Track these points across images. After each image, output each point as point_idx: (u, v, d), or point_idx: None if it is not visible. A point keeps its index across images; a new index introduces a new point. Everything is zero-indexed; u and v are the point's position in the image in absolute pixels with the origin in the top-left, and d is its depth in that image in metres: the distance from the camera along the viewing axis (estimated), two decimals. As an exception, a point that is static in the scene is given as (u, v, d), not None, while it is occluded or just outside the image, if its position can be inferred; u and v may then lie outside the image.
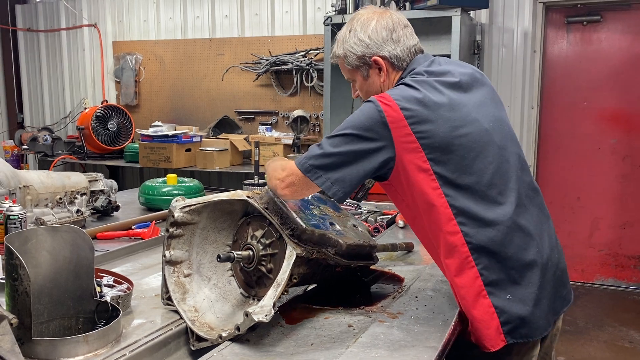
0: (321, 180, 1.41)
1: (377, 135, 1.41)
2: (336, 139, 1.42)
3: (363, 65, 1.57)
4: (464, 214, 1.43)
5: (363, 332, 1.44)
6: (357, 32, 1.56)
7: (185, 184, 2.99)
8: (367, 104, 1.45)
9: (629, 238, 4.58)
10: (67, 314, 1.46)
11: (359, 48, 1.55)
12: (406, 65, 1.57)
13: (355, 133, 1.41)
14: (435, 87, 1.47)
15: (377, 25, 1.55)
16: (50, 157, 5.60)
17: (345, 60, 1.60)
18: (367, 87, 1.61)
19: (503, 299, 1.43)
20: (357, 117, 1.44)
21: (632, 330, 3.88)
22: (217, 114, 5.55)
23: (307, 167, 1.42)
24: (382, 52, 1.55)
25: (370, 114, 1.42)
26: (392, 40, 1.55)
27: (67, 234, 1.44)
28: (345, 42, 1.58)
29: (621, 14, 4.41)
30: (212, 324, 1.52)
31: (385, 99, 1.43)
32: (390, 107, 1.41)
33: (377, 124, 1.41)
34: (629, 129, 4.48)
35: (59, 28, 6.37)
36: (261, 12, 5.41)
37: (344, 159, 1.41)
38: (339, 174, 1.41)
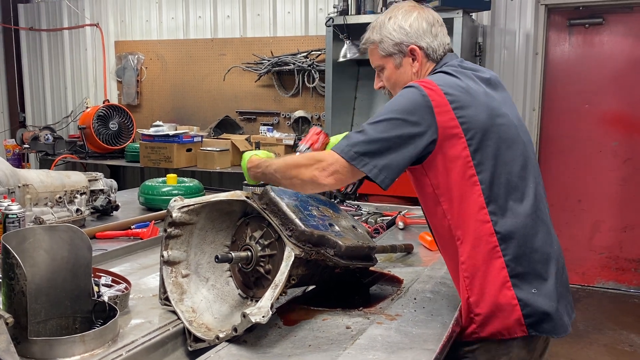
0: (368, 168, 1.40)
1: (422, 120, 1.40)
2: (381, 125, 1.41)
3: (398, 52, 1.58)
4: (496, 202, 1.44)
5: (361, 334, 1.44)
6: (399, 19, 1.57)
7: (185, 184, 2.98)
8: (409, 89, 1.45)
9: (630, 241, 4.57)
10: (64, 314, 1.45)
11: (397, 35, 1.56)
12: (439, 59, 1.59)
13: (400, 117, 1.41)
14: (472, 78, 1.52)
15: (418, 17, 1.57)
16: (52, 157, 5.61)
17: (379, 46, 1.60)
18: (397, 76, 1.61)
19: (527, 292, 1.44)
20: (400, 102, 1.43)
21: (633, 334, 3.87)
22: (219, 114, 5.55)
23: (352, 154, 1.40)
24: (420, 43, 1.57)
25: (415, 98, 1.42)
26: (431, 34, 1.57)
27: (65, 234, 1.44)
28: (383, 28, 1.58)
29: (623, 17, 4.40)
30: (209, 324, 1.52)
31: (428, 83, 1.44)
32: (434, 91, 1.42)
33: (421, 107, 1.41)
34: (630, 132, 4.47)
35: (61, 27, 6.38)
36: (263, 12, 5.41)
37: (390, 144, 1.40)
38: (385, 160, 1.40)
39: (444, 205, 1.49)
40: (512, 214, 1.45)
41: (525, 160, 1.51)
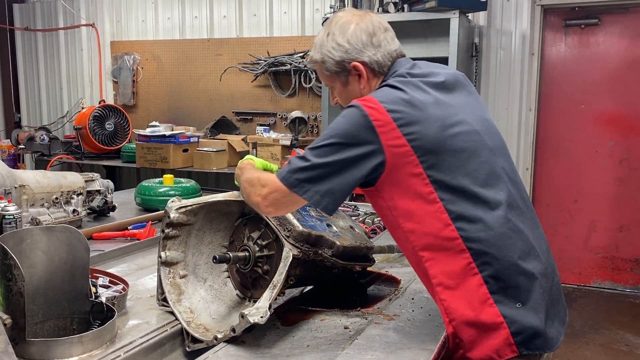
0: (309, 194, 1.33)
1: (365, 141, 1.32)
2: (321, 150, 1.33)
3: (342, 71, 1.48)
4: (462, 217, 1.34)
5: (359, 334, 1.44)
6: (336, 35, 1.46)
7: (182, 185, 2.98)
8: (350, 109, 1.36)
9: (626, 241, 4.59)
10: (61, 315, 1.45)
11: (337, 53, 1.46)
12: (387, 69, 1.48)
13: (341, 141, 1.33)
14: (420, 87, 1.40)
15: (356, 29, 1.45)
16: (47, 157, 5.59)
17: (323, 66, 1.50)
18: (346, 94, 1.52)
19: (512, 307, 1.33)
20: (341, 124, 1.35)
21: (629, 334, 3.88)
22: (215, 114, 5.54)
23: (293, 181, 1.34)
24: (362, 58, 1.46)
25: (355, 119, 1.34)
26: (373, 45, 1.46)
27: (63, 234, 1.43)
28: (322, 47, 1.48)
29: (619, 17, 4.42)
30: (207, 325, 1.52)
31: (369, 102, 1.35)
32: (375, 109, 1.33)
33: (363, 129, 1.32)
34: (626, 132, 4.49)
35: (56, 27, 6.36)
36: (259, 12, 5.41)
37: (332, 169, 1.33)
38: (327, 185, 1.33)
39: (405, 227, 1.40)
40: (483, 226, 1.34)
41: (491, 167, 1.40)
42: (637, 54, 4.40)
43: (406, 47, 4.55)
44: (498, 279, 1.33)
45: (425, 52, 4.26)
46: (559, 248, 4.69)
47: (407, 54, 1.57)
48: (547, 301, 1.38)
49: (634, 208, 4.47)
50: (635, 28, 4.38)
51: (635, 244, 4.56)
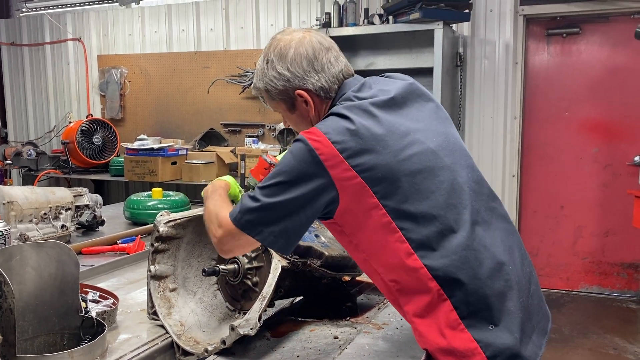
0: (263, 236, 1.27)
1: (313, 177, 1.25)
2: (270, 189, 1.26)
3: (287, 98, 1.41)
4: (423, 245, 1.26)
5: (348, 344, 1.46)
6: (275, 64, 1.39)
7: (171, 198, 2.99)
8: (296, 144, 1.29)
9: (612, 246, 4.65)
10: (52, 330, 1.45)
11: (279, 82, 1.39)
12: (334, 93, 1.40)
13: (289, 179, 1.26)
14: (367, 111, 1.31)
15: (295, 55, 1.37)
16: (35, 172, 5.56)
17: (267, 94, 1.44)
18: (295, 119, 1.46)
19: (485, 330, 1.26)
20: (289, 161, 1.28)
21: (617, 337, 3.93)
22: (203, 126, 5.55)
23: (245, 223, 1.27)
24: (305, 85, 1.38)
25: (301, 155, 1.26)
26: (315, 71, 1.37)
27: (52, 250, 1.44)
28: (264, 75, 1.41)
29: (599, 26, 4.51)
30: (198, 338, 1.53)
31: (314, 134, 1.27)
32: (320, 142, 1.25)
33: (310, 164, 1.25)
34: (609, 139, 4.57)
35: (43, 42, 6.35)
36: (246, 25, 5.45)
37: (283, 209, 1.26)
38: (280, 226, 1.26)
39: (371, 260, 1.33)
40: (446, 251, 1.25)
41: (451, 185, 1.31)
42: (617, 62, 4.48)
43: (392, 58, 4.66)
44: (468, 303, 1.26)
45: (411, 62, 4.32)
46: (546, 254, 4.74)
47: (393, 64, 1.52)
48: (522, 317, 1.31)
49: (619, 213, 4.53)
50: (615, 37, 4.47)
51: (621, 248, 4.63)
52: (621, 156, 4.54)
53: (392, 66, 4.28)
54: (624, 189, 4.30)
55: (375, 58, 4.50)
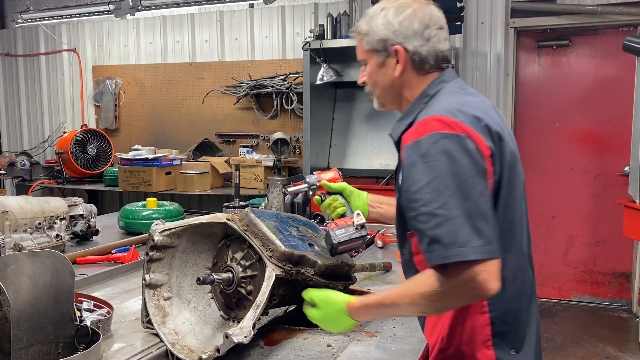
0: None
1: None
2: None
3: (382, 50, 1.36)
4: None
5: (342, 351, 1.47)
6: (389, 12, 1.34)
7: (165, 208, 3.00)
8: (444, 141, 1.16)
9: (603, 255, 4.69)
10: (46, 339, 1.46)
11: (384, 30, 1.34)
12: (429, 69, 1.35)
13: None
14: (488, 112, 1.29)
15: (412, 14, 1.33)
16: (29, 182, 5.55)
17: (365, 38, 1.38)
18: (377, 76, 1.39)
19: (507, 352, 1.26)
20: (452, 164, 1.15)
21: (608, 346, 3.95)
22: (198, 137, 5.57)
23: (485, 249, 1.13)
24: (406, 44, 1.33)
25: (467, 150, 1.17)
26: (422, 37, 1.33)
27: (48, 259, 1.45)
28: (372, 19, 1.37)
29: (588, 39, 4.58)
30: (192, 346, 1.53)
31: (461, 128, 1.18)
32: (474, 138, 1.19)
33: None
34: (599, 149, 4.62)
35: (38, 53, 6.37)
36: (241, 37, 5.49)
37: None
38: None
39: None
40: (505, 265, 1.19)
41: (523, 195, 1.32)
42: (606, 73, 4.55)
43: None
44: (504, 322, 1.26)
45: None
46: (539, 263, 4.77)
47: None
48: (536, 344, 1.34)
49: (610, 223, 4.58)
50: (604, 49, 4.54)
51: (612, 258, 4.67)
52: (611, 166, 4.59)
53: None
54: (614, 198, 4.35)
55: (369, 69, 4.54)
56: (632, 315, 4.50)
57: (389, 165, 4.68)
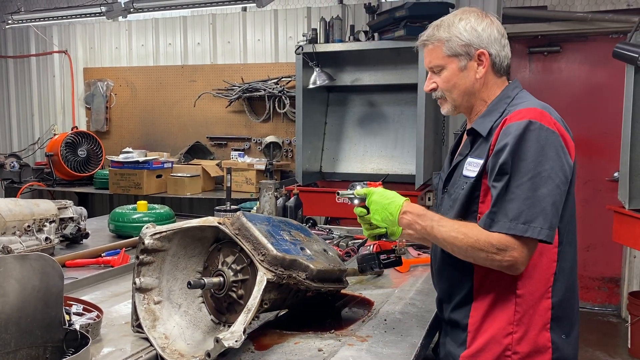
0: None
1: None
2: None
3: (464, 54, 1.49)
4: (562, 241, 1.42)
5: (332, 356, 1.47)
6: (471, 21, 1.49)
7: (156, 211, 2.98)
8: (545, 132, 1.36)
9: (593, 261, 4.72)
10: (34, 343, 1.44)
11: (468, 35, 1.48)
12: (502, 73, 1.53)
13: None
14: None
15: (491, 24, 1.50)
16: (18, 184, 5.50)
17: (445, 44, 1.49)
18: (458, 79, 1.51)
19: (559, 336, 1.42)
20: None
21: (598, 351, 3.97)
22: (189, 140, 5.55)
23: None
24: (490, 49, 1.49)
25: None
26: (500, 44, 1.50)
27: (37, 262, 1.43)
28: (452, 27, 1.49)
29: (579, 45, 4.62)
30: (182, 350, 1.52)
31: (559, 129, 1.40)
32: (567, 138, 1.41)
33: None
34: (589, 155, 4.66)
35: (28, 54, 6.33)
36: (233, 40, 5.49)
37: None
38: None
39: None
40: (567, 257, 1.44)
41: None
42: (596, 80, 4.59)
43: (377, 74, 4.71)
44: (561, 308, 1.42)
45: (396, 78, 4.38)
46: (529, 268, 4.78)
47: (378, 80, 1.58)
48: (578, 333, 1.49)
49: (599, 228, 4.60)
50: (594, 55, 4.58)
51: (601, 263, 4.70)
52: (601, 172, 4.63)
53: (377, 82, 4.33)
54: (604, 204, 4.37)
55: (361, 74, 4.55)
56: (621, 320, 4.53)
57: (381, 169, 4.68)
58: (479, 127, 1.49)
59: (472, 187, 1.44)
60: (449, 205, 1.53)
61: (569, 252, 1.44)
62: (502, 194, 1.33)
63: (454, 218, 1.46)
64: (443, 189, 1.59)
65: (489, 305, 1.44)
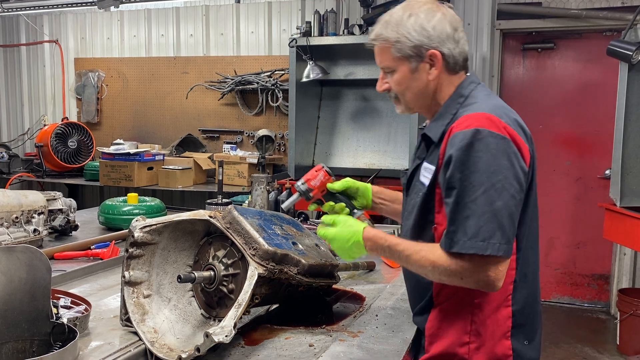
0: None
1: None
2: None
3: (415, 56, 1.37)
4: (520, 248, 1.34)
5: (324, 352, 1.46)
6: (421, 19, 1.36)
7: (147, 203, 2.95)
8: (494, 139, 1.25)
9: (583, 257, 4.74)
10: (21, 337, 1.42)
11: (418, 36, 1.35)
12: (459, 70, 1.42)
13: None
14: None
15: (442, 19, 1.37)
16: (7, 175, 5.45)
17: (394, 46, 1.37)
18: (409, 82, 1.40)
19: (521, 343, 1.35)
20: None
21: (587, 347, 4.00)
22: (181, 132, 5.52)
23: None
24: (442, 48, 1.36)
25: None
26: (454, 40, 1.38)
27: (23, 254, 1.41)
28: (401, 26, 1.36)
29: (573, 42, 4.62)
30: (172, 345, 1.51)
31: (510, 133, 1.27)
32: (519, 141, 1.30)
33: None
34: (581, 152, 4.67)
35: (18, 44, 6.25)
36: (227, 32, 5.45)
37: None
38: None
39: None
40: (529, 261, 1.37)
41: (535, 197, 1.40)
42: (589, 77, 4.60)
43: (370, 68, 4.69)
44: (523, 315, 1.35)
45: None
46: (520, 264, 4.80)
47: (372, 74, 1.54)
48: (541, 336, 1.44)
49: (590, 225, 4.63)
50: (588, 53, 4.59)
51: (591, 260, 4.72)
52: (592, 169, 4.64)
53: (372, 76, 4.31)
54: (595, 201, 4.40)
55: (355, 68, 4.54)
56: (610, 316, 4.56)
57: (374, 164, 4.67)
58: (431, 132, 1.40)
59: (426, 196, 1.37)
60: (408, 211, 1.47)
61: (530, 256, 1.37)
62: (455, 210, 1.25)
63: (412, 226, 1.42)
64: (406, 191, 1.52)
65: (445, 313, 1.38)
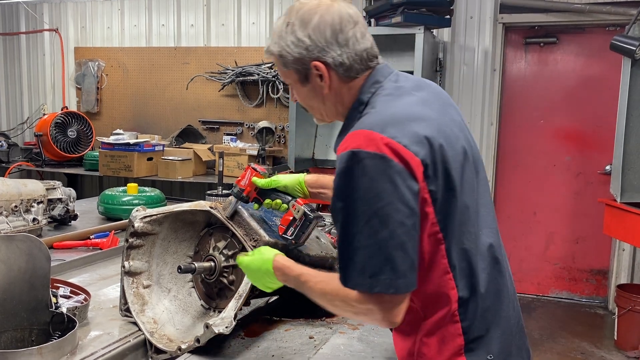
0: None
1: None
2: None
3: (301, 69, 1.24)
4: (456, 266, 1.15)
5: (324, 344, 1.46)
6: (296, 28, 1.22)
7: (146, 194, 2.95)
8: (372, 161, 1.07)
9: (582, 252, 4.74)
10: (20, 326, 1.42)
11: (296, 49, 1.22)
12: (357, 74, 1.23)
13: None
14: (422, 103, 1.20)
15: (320, 22, 1.20)
16: (6, 164, 5.43)
17: (280, 60, 1.26)
18: (306, 96, 1.29)
19: (483, 358, 1.18)
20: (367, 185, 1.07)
21: (584, 342, 4.01)
22: (181, 123, 5.50)
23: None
24: (324, 57, 1.21)
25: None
26: (338, 44, 1.21)
27: (23, 244, 1.41)
28: (281, 38, 1.24)
29: (576, 37, 4.60)
30: (171, 335, 1.51)
31: (393, 148, 1.07)
32: (402, 155, 1.08)
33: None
34: (582, 147, 4.66)
35: (18, 32, 6.21)
36: (228, 22, 5.41)
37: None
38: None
39: None
40: (474, 271, 1.16)
41: (476, 190, 1.21)
42: (592, 72, 4.58)
43: (372, 61, 4.44)
44: (475, 329, 1.17)
45: (392, 65, 4.33)
46: (519, 258, 4.81)
47: None
48: (516, 343, 1.26)
49: (589, 221, 4.63)
50: (591, 47, 4.56)
51: (590, 255, 4.72)
52: (593, 165, 4.63)
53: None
54: (595, 197, 4.40)
55: (356, 60, 4.51)
56: (608, 312, 4.57)
57: (373, 157, 4.66)
58: (335, 147, 1.22)
59: None
60: None
61: (479, 265, 1.18)
62: (343, 242, 1.11)
63: None
64: None
65: (398, 332, 1.24)
